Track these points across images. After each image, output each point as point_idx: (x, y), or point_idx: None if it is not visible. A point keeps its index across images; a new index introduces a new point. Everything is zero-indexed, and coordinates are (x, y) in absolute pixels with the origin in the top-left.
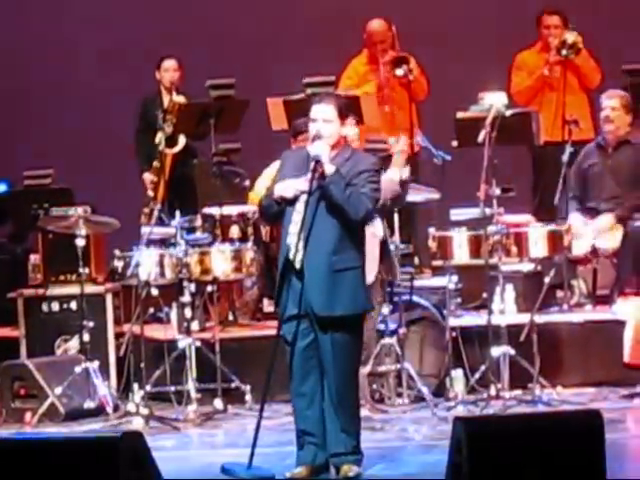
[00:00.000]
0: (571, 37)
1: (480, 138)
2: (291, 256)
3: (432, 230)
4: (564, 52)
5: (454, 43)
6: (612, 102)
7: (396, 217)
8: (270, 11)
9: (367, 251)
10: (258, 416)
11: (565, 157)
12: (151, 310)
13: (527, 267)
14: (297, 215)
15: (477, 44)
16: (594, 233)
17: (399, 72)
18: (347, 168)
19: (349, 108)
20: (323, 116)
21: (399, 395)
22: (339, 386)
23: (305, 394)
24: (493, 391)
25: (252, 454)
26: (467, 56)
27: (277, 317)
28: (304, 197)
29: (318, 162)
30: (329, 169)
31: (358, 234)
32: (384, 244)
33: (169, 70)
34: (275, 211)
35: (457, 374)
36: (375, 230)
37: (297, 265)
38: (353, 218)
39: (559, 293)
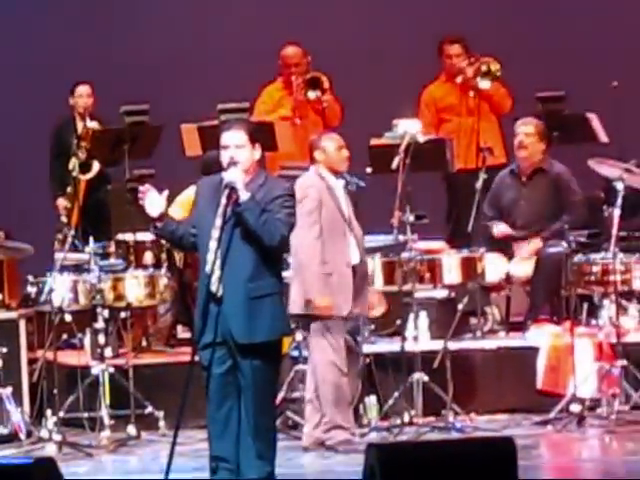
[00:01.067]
0: (490, 66)
1: (394, 165)
2: (211, 285)
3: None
4: (481, 83)
5: (368, 70)
6: (526, 128)
7: None
8: (183, 37)
9: (341, 283)
10: (172, 442)
11: (479, 184)
12: (64, 336)
13: (441, 294)
14: (213, 243)
15: (391, 70)
16: (518, 259)
17: (311, 95)
18: (261, 194)
19: (259, 133)
20: (235, 142)
21: None
22: (257, 412)
23: (221, 420)
24: (407, 418)
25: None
26: (381, 82)
27: (191, 343)
28: (219, 224)
29: (232, 189)
30: (243, 196)
31: (276, 260)
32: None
33: (83, 96)
34: (170, 237)
35: (371, 401)
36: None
37: (218, 293)
38: (268, 244)
39: (472, 320)
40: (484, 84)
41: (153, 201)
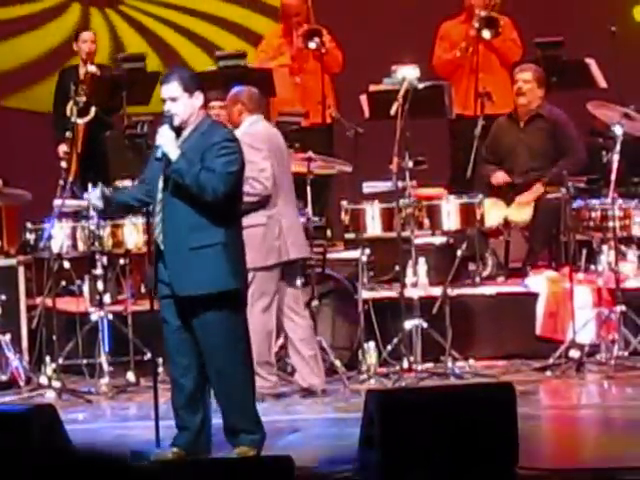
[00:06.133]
0: (494, 14)
1: (392, 111)
2: (156, 236)
3: (344, 203)
4: (485, 34)
5: (367, 15)
6: (525, 75)
7: (309, 190)
8: None
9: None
10: (153, 394)
11: (477, 130)
12: (63, 283)
13: (439, 240)
14: (159, 194)
15: (394, 15)
16: (518, 204)
17: (311, 45)
18: (202, 142)
19: (196, 80)
20: (168, 94)
21: None
22: (219, 366)
23: (181, 380)
24: (405, 364)
25: (157, 430)
26: (383, 28)
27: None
28: (162, 177)
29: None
30: (173, 156)
31: (222, 210)
32: None
33: (87, 41)
34: (129, 206)
35: (369, 347)
36: None
37: (162, 246)
38: (206, 200)
39: (471, 266)
40: (486, 34)
41: (92, 197)
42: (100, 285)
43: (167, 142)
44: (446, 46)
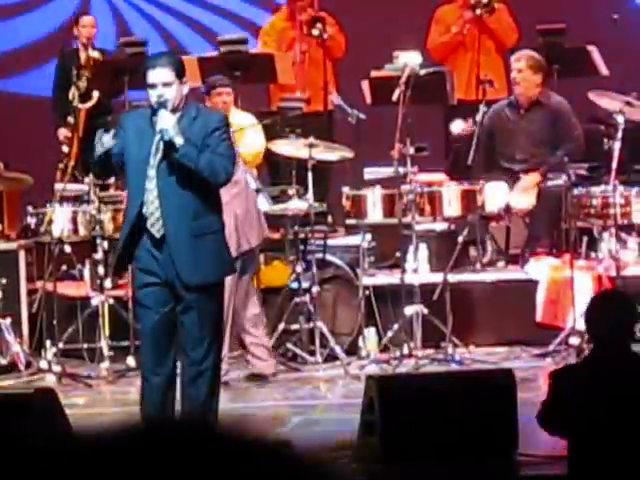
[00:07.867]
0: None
1: (394, 97)
2: (149, 225)
3: (346, 189)
4: (478, 11)
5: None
6: (518, 64)
7: (310, 176)
8: None
9: (247, 213)
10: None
11: (478, 116)
12: (64, 267)
13: (440, 226)
14: (150, 182)
15: (394, 2)
16: (517, 191)
17: (315, 32)
18: (197, 127)
19: (184, 66)
20: (162, 80)
21: (312, 353)
22: (202, 352)
23: (162, 373)
24: (406, 350)
25: None
26: (385, 13)
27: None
28: (155, 163)
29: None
30: (179, 141)
31: (217, 197)
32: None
33: (86, 26)
34: (104, 166)
35: (370, 333)
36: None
37: (157, 235)
38: (214, 183)
39: (472, 251)
40: (479, 11)
41: (107, 138)
42: (101, 269)
43: (172, 127)
44: (441, 30)
